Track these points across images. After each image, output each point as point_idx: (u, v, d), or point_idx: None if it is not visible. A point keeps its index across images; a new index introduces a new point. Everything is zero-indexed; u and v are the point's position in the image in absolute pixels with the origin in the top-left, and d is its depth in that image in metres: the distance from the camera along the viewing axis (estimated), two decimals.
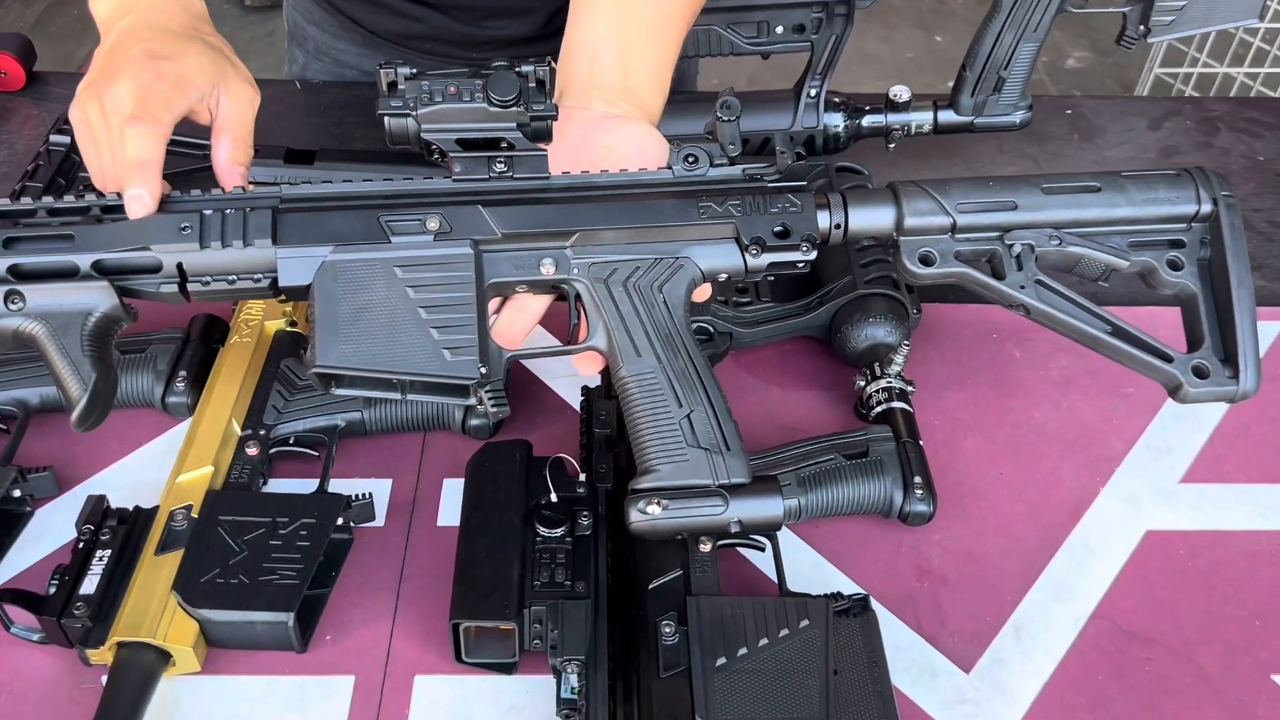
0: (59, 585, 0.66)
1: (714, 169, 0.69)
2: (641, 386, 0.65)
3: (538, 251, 0.66)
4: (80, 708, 0.65)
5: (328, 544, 0.69)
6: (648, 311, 0.66)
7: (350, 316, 0.63)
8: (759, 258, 0.67)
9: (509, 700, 0.67)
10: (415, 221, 0.65)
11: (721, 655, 0.62)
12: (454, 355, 0.63)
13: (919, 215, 0.69)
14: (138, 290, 0.64)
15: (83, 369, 0.62)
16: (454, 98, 0.65)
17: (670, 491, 0.63)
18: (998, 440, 0.83)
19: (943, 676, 0.69)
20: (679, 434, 0.64)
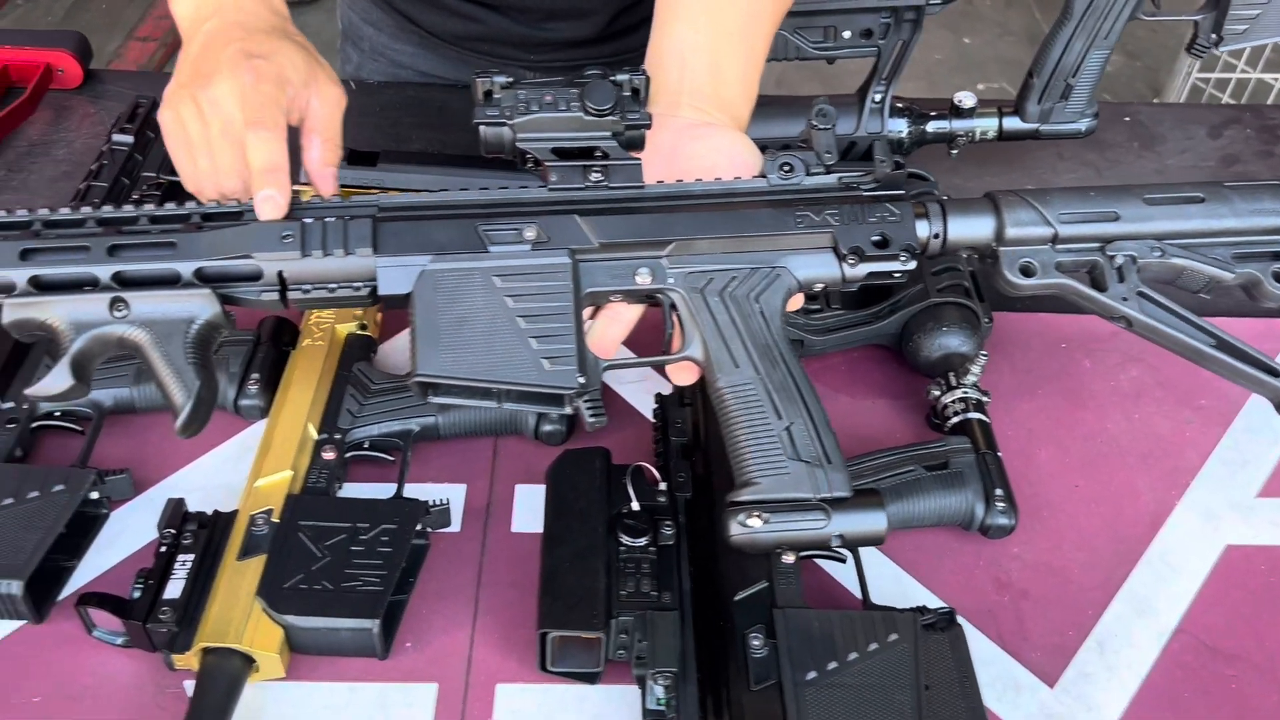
0: (143, 589, 0.66)
1: (809, 177, 0.68)
2: (740, 398, 0.64)
3: (634, 261, 0.66)
4: (164, 713, 0.65)
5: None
6: (744, 322, 0.65)
7: (450, 326, 0.63)
8: (857, 268, 0.67)
9: (592, 710, 0.66)
10: (513, 231, 0.65)
11: (812, 669, 0.62)
12: (553, 365, 0.63)
13: (1020, 225, 0.68)
14: (238, 298, 0.64)
15: (186, 376, 0.62)
16: (550, 106, 0.65)
17: (771, 505, 0.62)
18: (1071, 452, 0.82)
19: (1027, 691, 0.68)
20: (779, 446, 0.63)
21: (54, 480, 0.70)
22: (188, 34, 0.72)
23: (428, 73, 1.14)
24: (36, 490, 0.69)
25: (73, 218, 0.65)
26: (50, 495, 0.69)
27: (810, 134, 0.69)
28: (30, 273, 0.62)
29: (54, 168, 1.03)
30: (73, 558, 0.71)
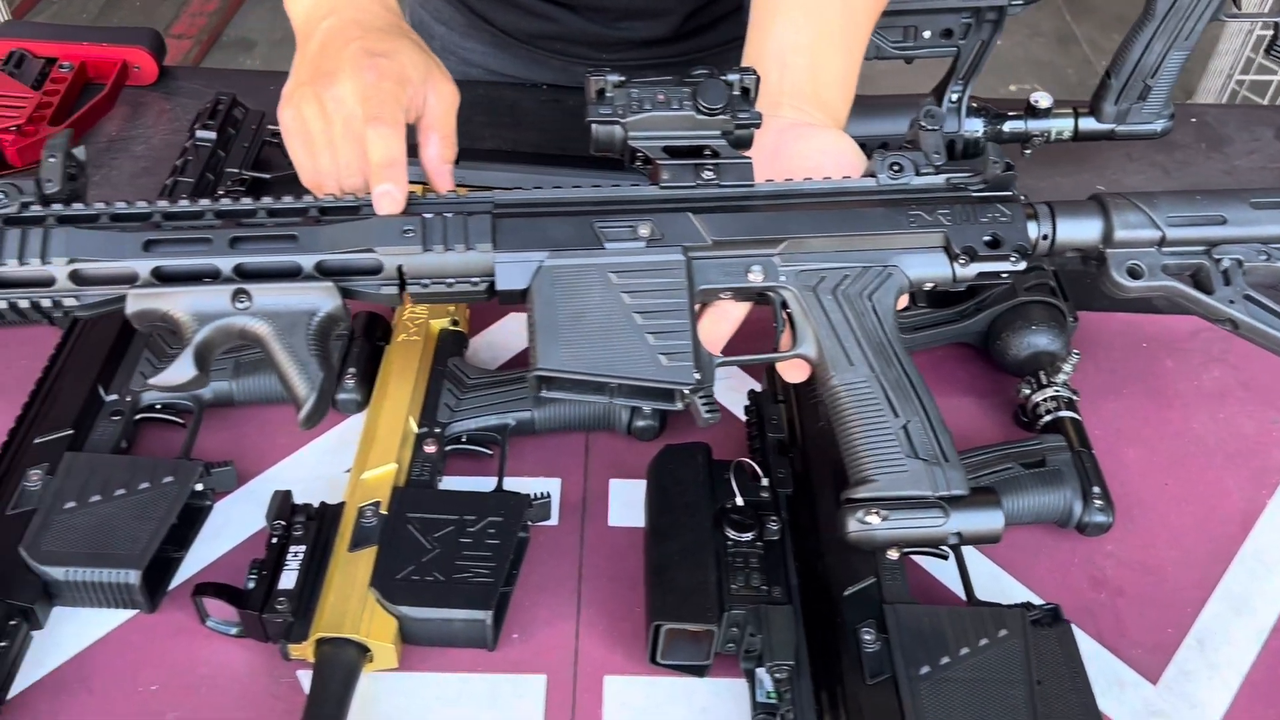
0: (258, 579, 0.67)
1: (918, 177, 0.69)
2: (855, 396, 0.64)
3: (746, 259, 0.66)
4: (279, 702, 0.66)
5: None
6: (858, 320, 0.66)
7: (568, 321, 0.63)
8: (968, 267, 0.67)
9: (700, 702, 0.67)
10: (627, 228, 0.65)
11: (925, 664, 0.62)
12: (670, 360, 0.63)
13: (1129, 228, 0.69)
14: (357, 291, 0.65)
15: (310, 369, 0.62)
16: (663, 105, 0.66)
17: (889, 502, 0.62)
18: (1158, 451, 0.83)
19: (1130, 688, 0.69)
20: (896, 444, 0.63)
21: (163, 472, 0.71)
22: (304, 32, 0.73)
23: (498, 71, 1.15)
24: (147, 481, 0.70)
25: (191, 209, 0.65)
26: (160, 486, 0.70)
27: (917, 135, 0.70)
28: (153, 264, 0.63)
29: (134, 164, 1.04)
30: (180, 549, 0.72)
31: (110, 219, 0.65)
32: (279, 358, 0.63)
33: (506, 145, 1.11)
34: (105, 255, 0.63)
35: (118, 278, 0.63)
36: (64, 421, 0.74)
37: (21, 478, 0.70)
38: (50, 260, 0.62)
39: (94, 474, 0.70)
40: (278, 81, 1.14)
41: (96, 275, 0.63)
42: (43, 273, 0.63)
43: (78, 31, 1.11)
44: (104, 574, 0.66)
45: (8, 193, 0.64)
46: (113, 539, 0.67)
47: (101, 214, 0.65)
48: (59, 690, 0.65)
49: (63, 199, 0.65)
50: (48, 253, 0.62)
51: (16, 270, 0.62)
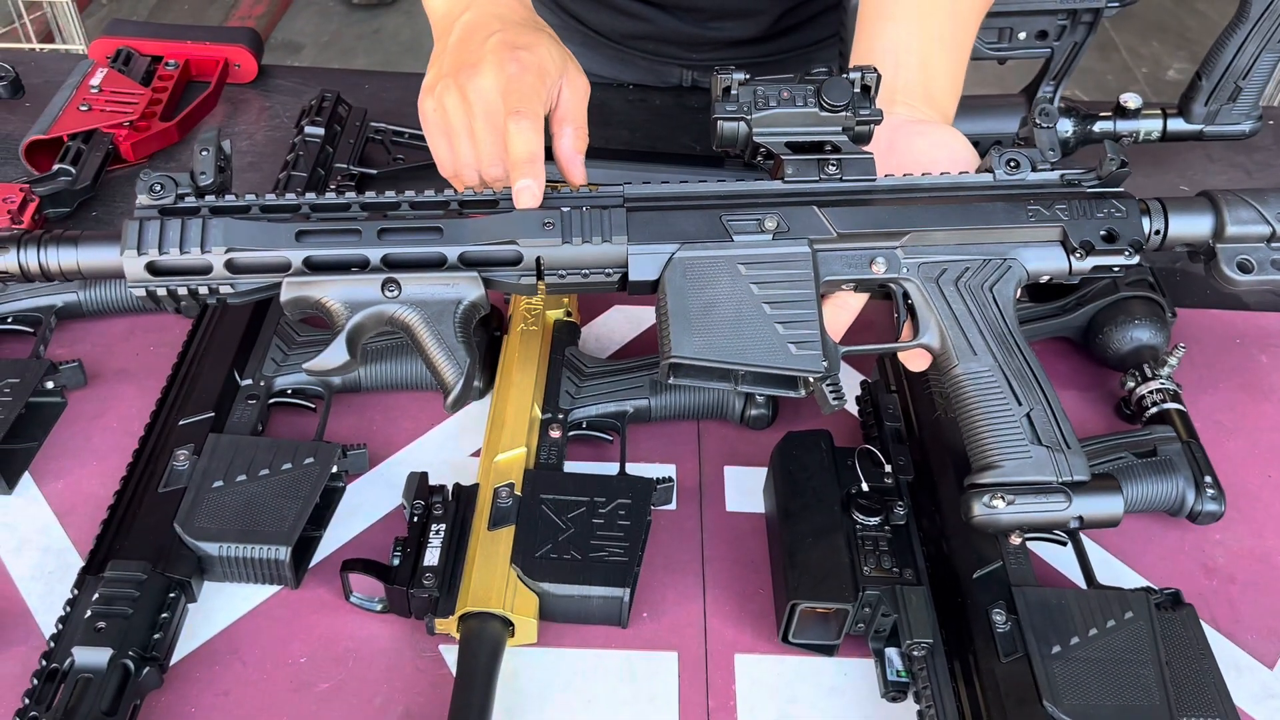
0: (402, 556, 0.69)
1: (1034, 174, 0.70)
2: (979, 385, 0.66)
3: (870, 251, 0.68)
4: (423, 676, 0.68)
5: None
6: (980, 311, 0.67)
7: (700, 311, 0.65)
8: (1084, 261, 0.69)
9: (829, 681, 0.69)
10: (754, 221, 0.67)
11: (1056, 644, 0.64)
12: (799, 349, 0.65)
13: (1240, 224, 0.70)
14: (497, 281, 0.67)
15: (458, 355, 0.65)
16: (787, 102, 0.68)
17: (1014, 487, 0.63)
18: (1260, 443, 0.84)
19: (1247, 673, 0.70)
20: (1020, 431, 0.65)
21: (304, 454, 0.73)
22: (442, 26, 0.75)
23: (589, 70, 1.16)
24: (289, 463, 0.73)
25: (339, 202, 0.68)
26: (302, 467, 0.73)
27: (1032, 132, 0.72)
28: (306, 254, 0.65)
29: (239, 159, 1.07)
30: (318, 528, 0.74)
31: (260, 210, 0.67)
32: (427, 344, 0.65)
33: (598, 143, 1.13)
34: (260, 245, 0.65)
35: (272, 266, 0.66)
36: (206, 404, 0.76)
37: (170, 457, 0.73)
38: (209, 250, 0.65)
39: (238, 454, 0.73)
40: (373, 80, 1.18)
41: (251, 264, 0.65)
42: (202, 261, 0.65)
43: (180, 30, 1.14)
44: (255, 550, 0.69)
45: (164, 184, 0.67)
46: (261, 517, 0.70)
47: (252, 205, 0.67)
48: (213, 661, 0.68)
49: (214, 190, 0.68)
50: (206, 242, 0.65)
51: (178, 259, 0.65)
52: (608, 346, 0.90)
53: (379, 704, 0.66)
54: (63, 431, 0.80)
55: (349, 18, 3.28)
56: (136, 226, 0.65)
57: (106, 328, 0.88)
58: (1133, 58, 3.31)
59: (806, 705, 0.68)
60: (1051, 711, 0.61)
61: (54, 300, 0.86)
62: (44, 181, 0.96)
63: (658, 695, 0.68)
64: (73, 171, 0.97)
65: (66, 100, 1.02)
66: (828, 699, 0.68)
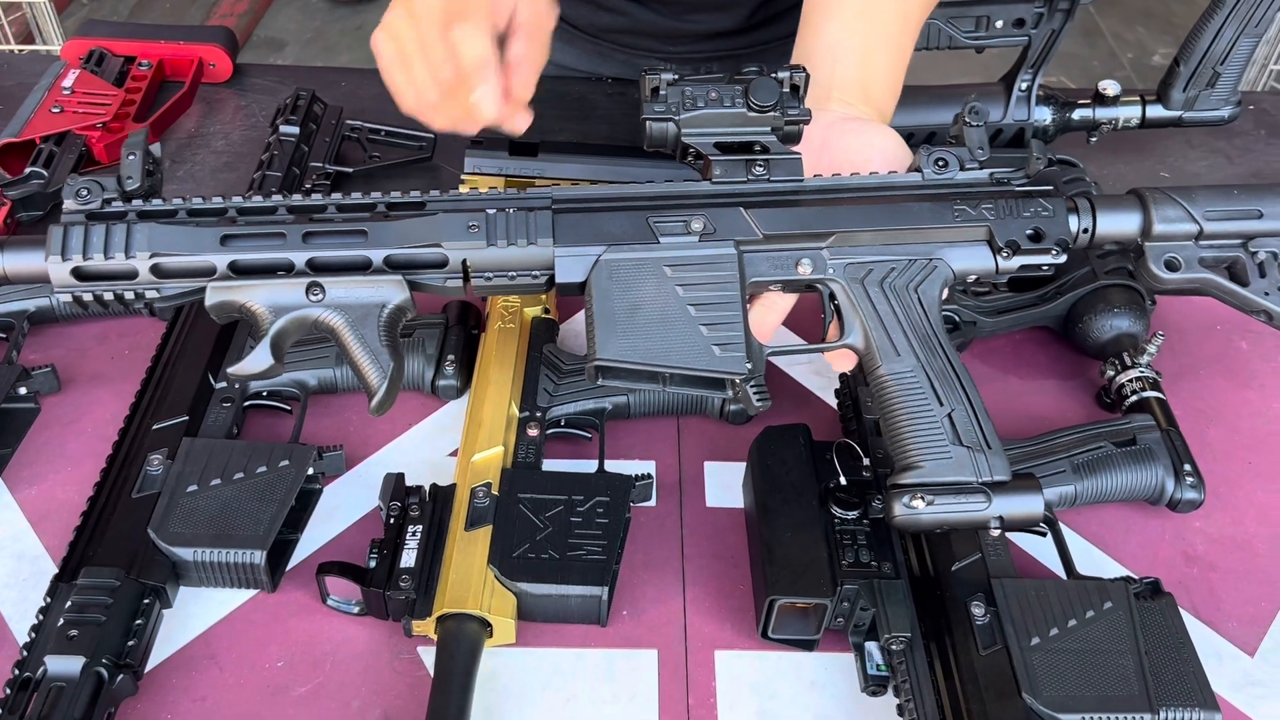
0: (379, 558, 0.69)
1: (963, 172, 0.70)
2: (902, 385, 0.66)
3: (796, 252, 0.68)
4: (401, 677, 0.68)
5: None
6: (905, 311, 0.68)
7: (625, 312, 0.65)
8: (1010, 260, 0.69)
9: (810, 676, 0.69)
10: (681, 223, 0.67)
11: (1035, 635, 0.64)
12: (723, 351, 0.65)
13: (1167, 222, 0.70)
14: (422, 283, 0.67)
15: (381, 358, 0.64)
16: (715, 103, 0.68)
17: (934, 488, 0.64)
18: (1240, 430, 0.84)
19: (1228, 660, 0.70)
20: (942, 432, 0.65)
21: (279, 456, 0.73)
22: None
23: (564, 65, 1.16)
24: (264, 465, 0.72)
25: (265, 205, 0.67)
26: (278, 470, 0.72)
27: (962, 130, 0.71)
28: (230, 258, 0.65)
29: (215, 159, 1.06)
30: (295, 531, 0.74)
31: (188, 214, 0.66)
32: (352, 348, 0.65)
33: (577, 138, 1.13)
34: (185, 250, 0.65)
35: (196, 271, 0.65)
36: (179, 408, 0.76)
37: (143, 462, 0.72)
38: (134, 254, 0.64)
39: (212, 458, 0.72)
40: (349, 77, 1.18)
41: (176, 269, 0.65)
42: (127, 266, 0.64)
43: (154, 30, 1.13)
44: (230, 554, 0.68)
45: (90, 189, 0.66)
46: (236, 521, 0.69)
47: (179, 209, 0.66)
48: (189, 667, 0.67)
49: (142, 194, 0.67)
50: (131, 247, 0.64)
51: (103, 264, 0.64)
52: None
53: (357, 707, 0.66)
54: (36, 437, 0.80)
55: (331, 14, 3.26)
56: (61, 232, 0.64)
57: (80, 332, 0.87)
58: (1118, 44, 3.31)
59: (787, 701, 0.67)
60: (1031, 703, 0.61)
61: (26, 305, 0.85)
62: (16, 185, 0.95)
63: (638, 693, 0.67)
64: (45, 174, 0.96)
65: (38, 102, 1.01)
66: (808, 694, 0.68)
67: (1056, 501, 0.74)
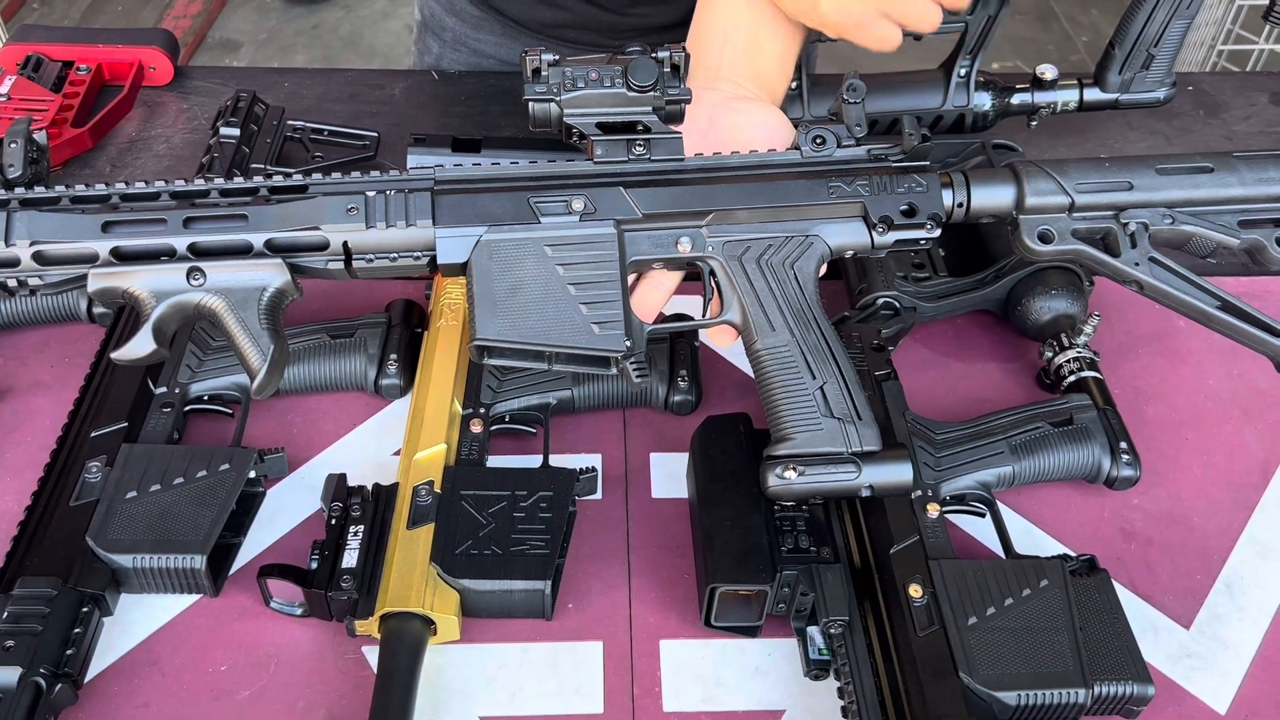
0: (320, 560, 0.68)
1: (840, 150, 0.72)
2: (776, 359, 0.68)
3: (675, 231, 0.69)
4: (346, 677, 0.68)
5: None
6: (780, 288, 0.69)
7: (505, 293, 0.66)
8: (885, 235, 0.70)
9: (754, 662, 0.69)
10: (561, 203, 0.68)
11: (972, 615, 0.65)
12: (602, 329, 0.66)
13: (1039, 195, 0.72)
14: (306, 267, 0.67)
15: (261, 341, 0.65)
16: (595, 83, 0.68)
17: (806, 458, 0.67)
18: (1178, 407, 0.85)
19: (1164, 633, 0.71)
20: (813, 404, 0.68)
21: (219, 460, 0.73)
22: None
23: (509, 61, 1.16)
24: (204, 470, 0.72)
25: (148, 191, 0.67)
26: (218, 474, 0.72)
27: (840, 108, 0.73)
28: (112, 244, 0.65)
29: (156, 162, 1.05)
30: (238, 534, 0.74)
31: (70, 201, 0.67)
32: (233, 331, 0.65)
33: (523, 133, 1.13)
34: (66, 237, 0.65)
35: (78, 258, 0.65)
36: (118, 415, 0.75)
37: (82, 470, 0.71)
38: (14, 242, 0.65)
39: (152, 464, 0.72)
40: (292, 78, 1.17)
41: (58, 256, 0.65)
42: (8, 254, 0.65)
43: (92, 34, 1.12)
44: (170, 560, 0.68)
45: None
46: (175, 526, 0.69)
47: (62, 196, 0.67)
48: (132, 674, 0.67)
49: (24, 183, 0.67)
50: (11, 235, 0.65)
51: None
52: None
53: (302, 708, 0.66)
54: None
55: (287, 14, 3.24)
56: None
57: (19, 340, 0.86)
58: (1073, 26, 3.34)
59: (731, 688, 0.68)
60: (968, 682, 0.62)
61: None
62: None
63: (583, 685, 0.68)
64: None
65: None
66: (752, 680, 0.68)
67: (995, 482, 0.75)
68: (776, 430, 0.68)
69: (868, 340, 0.81)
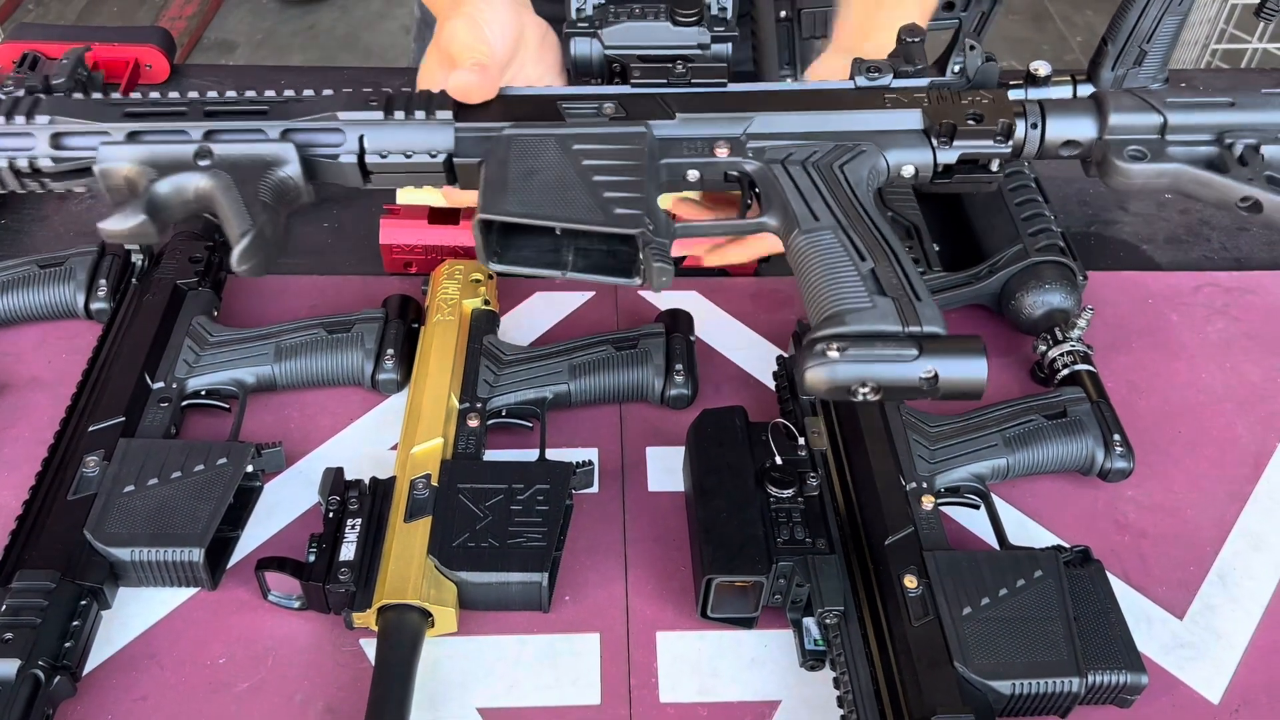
0: (318, 553, 0.69)
1: (897, 79, 0.67)
2: (818, 247, 0.61)
3: (712, 136, 0.66)
4: (344, 670, 0.68)
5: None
6: (827, 186, 0.64)
7: (519, 177, 0.62)
8: (949, 150, 0.64)
9: (750, 653, 0.69)
10: (592, 107, 0.66)
11: (966, 605, 0.65)
12: (621, 209, 0.61)
13: (1124, 111, 0.65)
14: (319, 162, 0.65)
15: (253, 209, 0.61)
16: (638, 16, 0.67)
17: (854, 338, 0.56)
18: (1171, 400, 0.86)
19: (1158, 623, 0.72)
20: (862, 285, 0.59)
21: (217, 454, 0.73)
22: None
23: None
24: (201, 464, 0.72)
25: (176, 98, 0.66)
26: (215, 468, 0.72)
27: (901, 49, 0.69)
28: (130, 128, 0.63)
29: None
30: (235, 528, 0.74)
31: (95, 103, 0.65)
32: (223, 205, 0.61)
33: None
34: (86, 118, 0.63)
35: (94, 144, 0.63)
36: (115, 409, 0.75)
37: (79, 464, 0.72)
38: (36, 120, 0.63)
39: (149, 458, 0.72)
40: (288, 76, 1.17)
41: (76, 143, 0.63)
42: (23, 129, 0.63)
43: (88, 32, 1.12)
44: (168, 553, 0.68)
45: (14, 83, 0.66)
46: (173, 520, 0.69)
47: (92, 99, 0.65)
48: (130, 666, 0.67)
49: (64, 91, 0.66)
50: (35, 112, 0.63)
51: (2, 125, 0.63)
52: (530, 334, 0.90)
53: (300, 700, 0.66)
54: None
55: (283, 14, 3.24)
56: None
57: (17, 336, 0.87)
58: (1067, 26, 3.35)
59: (728, 679, 0.68)
60: (962, 672, 0.62)
61: None
62: None
63: (580, 677, 0.68)
64: None
65: None
66: (748, 671, 0.69)
67: (989, 474, 0.75)
68: (819, 315, 0.58)
69: None
